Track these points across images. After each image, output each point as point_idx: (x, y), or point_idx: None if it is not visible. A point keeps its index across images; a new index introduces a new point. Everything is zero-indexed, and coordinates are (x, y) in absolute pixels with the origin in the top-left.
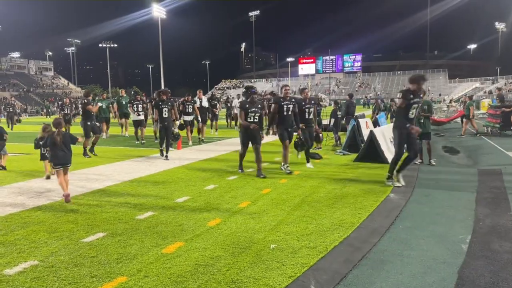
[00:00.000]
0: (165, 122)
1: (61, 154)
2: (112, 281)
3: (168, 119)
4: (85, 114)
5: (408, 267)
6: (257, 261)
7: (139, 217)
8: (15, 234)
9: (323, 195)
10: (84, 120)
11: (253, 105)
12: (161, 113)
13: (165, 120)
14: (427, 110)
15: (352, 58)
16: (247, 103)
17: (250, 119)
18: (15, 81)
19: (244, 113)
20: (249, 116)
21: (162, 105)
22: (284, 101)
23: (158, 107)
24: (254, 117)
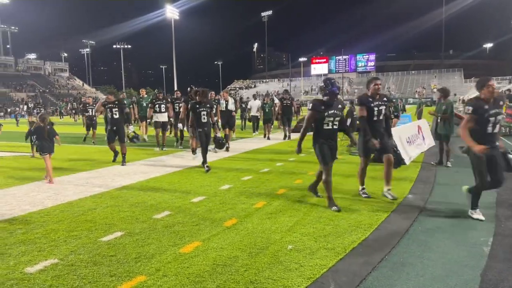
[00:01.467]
0: (204, 127)
1: (46, 144)
2: (131, 280)
3: (207, 124)
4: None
5: (429, 270)
6: (275, 262)
7: (156, 217)
8: (35, 232)
9: (339, 196)
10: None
11: (331, 107)
12: (199, 117)
13: (204, 125)
14: (446, 111)
15: (365, 57)
16: (323, 103)
17: (327, 126)
18: (32, 82)
19: (319, 118)
20: (326, 122)
21: (200, 107)
22: (374, 101)
23: (195, 110)
24: (333, 123)
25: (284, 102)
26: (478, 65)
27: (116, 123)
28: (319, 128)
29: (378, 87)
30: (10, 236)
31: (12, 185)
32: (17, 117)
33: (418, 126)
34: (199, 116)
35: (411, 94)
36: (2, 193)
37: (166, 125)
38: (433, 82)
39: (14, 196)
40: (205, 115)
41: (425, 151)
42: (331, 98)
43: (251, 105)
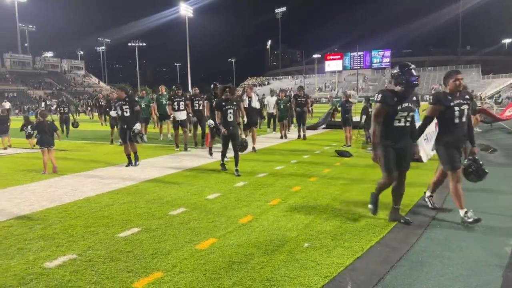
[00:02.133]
0: (230, 127)
1: (45, 138)
2: (148, 276)
3: (233, 123)
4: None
5: (449, 269)
6: (291, 259)
7: (172, 213)
8: (54, 228)
9: (355, 193)
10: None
11: (405, 100)
12: (226, 116)
13: (230, 125)
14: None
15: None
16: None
17: (399, 122)
18: (49, 79)
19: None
20: (398, 118)
21: (227, 105)
22: (454, 99)
23: (221, 108)
24: (406, 119)
25: (298, 100)
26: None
27: (128, 121)
28: (388, 126)
29: (460, 82)
30: (30, 231)
31: (31, 181)
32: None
33: (436, 123)
34: (225, 114)
35: (427, 91)
36: (22, 189)
37: (186, 123)
38: None
39: (33, 192)
40: (231, 114)
41: None
42: (407, 90)
43: (268, 101)
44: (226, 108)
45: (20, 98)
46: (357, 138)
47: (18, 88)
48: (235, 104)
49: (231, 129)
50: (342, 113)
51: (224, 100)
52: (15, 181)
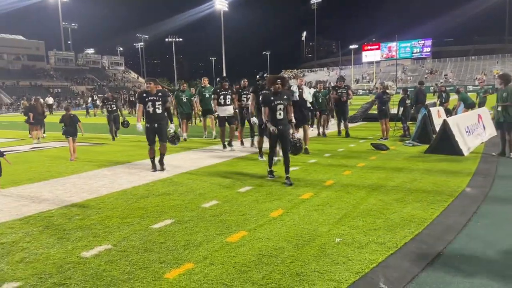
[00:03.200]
0: (279, 125)
1: (70, 129)
2: (180, 267)
3: (284, 121)
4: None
5: (487, 268)
6: (322, 254)
7: (204, 205)
8: (91, 219)
9: (391, 188)
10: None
11: None
12: (274, 112)
13: (280, 123)
14: (507, 98)
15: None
16: None
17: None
18: (90, 75)
19: None
20: None
21: (276, 100)
22: None
23: (269, 103)
24: None
25: (338, 92)
26: None
27: (159, 119)
28: None
29: None
30: (69, 221)
31: (71, 174)
32: (88, 109)
33: (479, 115)
34: (274, 111)
35: (470, 81)
36: (64, 181)
37: (233, 120)
38: (495, 68)
39: (74, 184)
40: (281, 110)
41: (485, 141)
42: None
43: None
44: (276, 104)
45: (64, 94)
46: (394, 130)
47: (62, 84)
48: (286, 98)
49: (281, 128)
50: (378, 105)
51: (273, 93)
52: (57, 173)
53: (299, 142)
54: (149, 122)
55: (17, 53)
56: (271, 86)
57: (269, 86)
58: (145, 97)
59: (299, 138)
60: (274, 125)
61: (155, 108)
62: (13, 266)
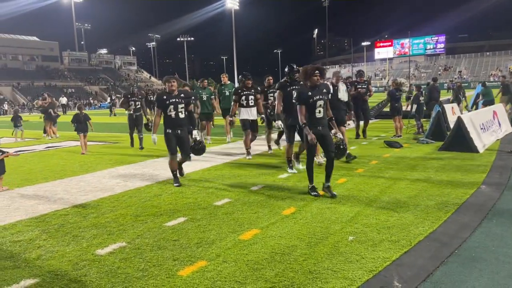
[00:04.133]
0: (318, 126)
1: (81, 126)
2: (193, 264)
3: (323, 121)
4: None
5: (505, 266)
6: (335, 252)
7: (217, 203)
8: (106, 217)
9: (404, 186)
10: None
11: None
12: (313, 110)
13: (320, 123)
14: None
15: (434, 39)
16: None
17: None
18: (104, 75)
19: None
20: None
21: (315, 95)
22: None
23: (306, 100)
24: None
25: (358, 87)
26: None
27: (182, 125)
28: None
29: None
30: (84, 219)
31: (86, 172)
32: (111, 109)
33: (494, 111)
34: (312, 108)
35: (485, 78)
36: (78, 179)
37: (255, 125)
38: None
39: (88, 182)
40: (321, 107)
41: (501, 138)
42: None
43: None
44: (315, 100)
45: (77, 94)
46: (408, 128)
47: (75, 84)
48: (325, 92)
49: (320, 129)
50: (391, 102)
51: (311, 87)
52: (72, 172)
53: (343, 144)
54: (170, 127)
55: (32, 54)
56: (308, 79)
57: (305, 79)
58: (166, 99)
59: (342, 139)
60: (314, 126)
61: (178, 112)
62: (30, 263)
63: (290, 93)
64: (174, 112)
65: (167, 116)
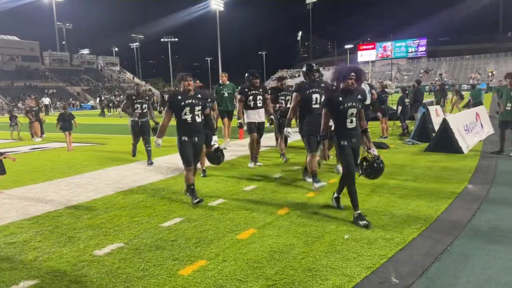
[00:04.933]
0: (352, 138)
1: (66, 124)
2: (193, 264)
3: (357, 132)
4: None
5: (496, 262)
6: (332, 250)
7: (212, 204)
8: (100, 218)
9: (394, 185)
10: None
11: None
12: (345, 118)
13: (353, 134)
14: None
15: (416, 43)
16: None
17: None
18: (86, 76)
19: None
20: None
21: (347, 101)
22: None
23: (336, 106)
24: None
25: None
26: None
27: (199, 131)
28: None
29: None
30: (78, 221)
31: (75, 174)
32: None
33: (477, 113)
34: (343, 117)
35: (464, 80)
36: (68, 181)
37: (262, 129)
38: (489, 67)
39: (78, 184)
40: (354, 116)
41: (483, 139)
42: None
43: None
44: (347, 107)
45: (59, 95)
46: (393, 129)
47: (57, 84)
48: (359, 99)
49: (354, 141)
50: (377, 104)
51: (343, 92)
52: (61, 173)
53: (378, 161)
54: (186, 133)
55: (11, 54)
56: (341, 82)
57: (338, 81)
58: (181, 100)
59: (377, 156)
60: (346, 138)
61: (195, 115)
62: (27, 265)
63: (309, 96)
64: (190, 116)
65: (182, 120)
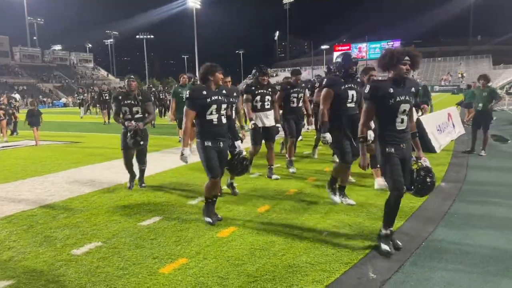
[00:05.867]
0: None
1: (34, 120)
2: (174, 262)
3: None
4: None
5: (468, 256)
6: (311, 247)
7: (191, 203)
8: (77, 217)
9: (370, 183)
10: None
11: None
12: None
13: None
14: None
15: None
16: None
17: None
18: (58, 73)
19: None
20: None
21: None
22: None
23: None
24: None
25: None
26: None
27: (225, 134)
28: None
29: None
30: (54, 220)
31: (49, 172)
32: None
33: (448, 114)
34: (393, 116)
35: (436, 82)
36: (41, 180)
37: (274, 134)
38: (460, 69)
39: (52, 182)
40: (405, 114)
41: (455, 139)
42: None
43: None
44: (397, 101)
45: (30, 91)
46: None
47: (28, 81)
48: (412, 92)
49: (404, 148)
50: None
51: (394, 81)
52: (34, 172)
53: (430, 175)
54: (210, 138)
55: None
56: (392, 67)
57: (388, 67)
58: (206, 96)
59: (428, 167)
60: (394, 143)
61: (220, 115)
62: (2, 265)
63: (344, 93)
64: (216, 116)
65: (206, 121)
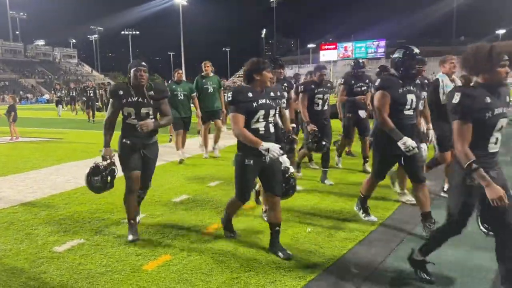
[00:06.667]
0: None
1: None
2: (157, 259)
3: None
4: None
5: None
6: (295, 243)
7: (175, 200)
8: (59, 214)
9: (353, 181)
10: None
11: None
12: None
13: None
14: None
15: (375, 44)
16: None
17: None
18: (41, 68)
19: None
20: None
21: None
22: None
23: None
24: None
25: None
26: None
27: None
28: None
29: None
30: (35, 217)
31: (31, 169)
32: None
33: None
34: (489, 133)
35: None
36: (23, 176)
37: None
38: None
39: (34, 179)
40: (500, 131)
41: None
42: None
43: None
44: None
45: (12, 87)
46: None
47: (10, 76)
48: (507, 102)
49: (496, 177)
50: None
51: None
52: (15, 169)
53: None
54: (255, 154)
55: None
56: (490, 70)
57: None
58: (252, 100)
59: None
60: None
61: (268, 123)
62: None
63: (403, 98)
64: (263, 124)
65: (251, 131)
